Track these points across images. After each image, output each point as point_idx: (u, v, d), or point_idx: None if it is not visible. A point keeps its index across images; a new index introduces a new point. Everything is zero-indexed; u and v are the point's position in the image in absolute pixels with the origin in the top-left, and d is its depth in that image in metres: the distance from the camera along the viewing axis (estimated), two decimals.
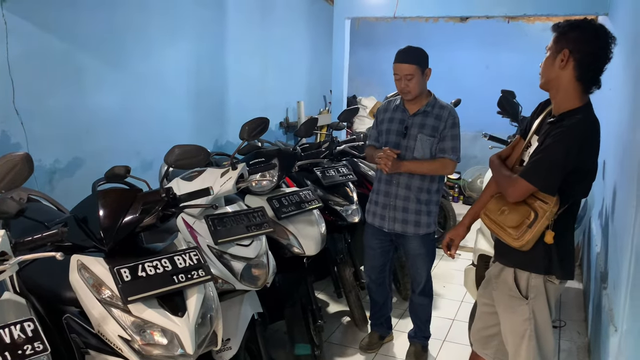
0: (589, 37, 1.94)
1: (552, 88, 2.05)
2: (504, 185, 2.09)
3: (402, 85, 2.89)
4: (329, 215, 3.44)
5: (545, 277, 2.08)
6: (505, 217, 2.06)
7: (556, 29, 2.04)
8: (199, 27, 4.45)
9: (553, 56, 2.00)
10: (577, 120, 1.95)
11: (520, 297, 2.11)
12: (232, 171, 2.48)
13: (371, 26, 7.90)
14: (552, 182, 1.95)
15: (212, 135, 4.78)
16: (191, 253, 1.88)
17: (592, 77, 1.98)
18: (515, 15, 5.41)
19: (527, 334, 2.11)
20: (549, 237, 1.98)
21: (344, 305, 3.81)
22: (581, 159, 1.96)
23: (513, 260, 2.13)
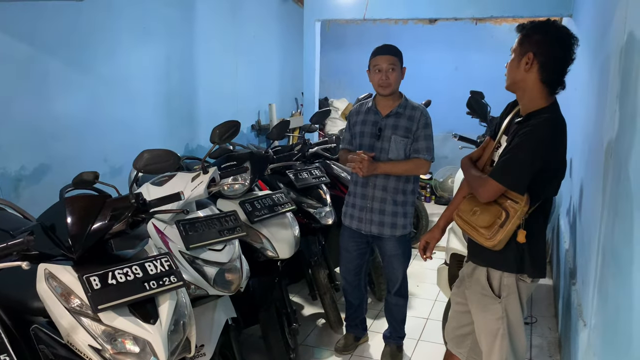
0: (552, 40, 1.98)
1: (518, 90, 2.09)
2: (475, 186, 2.11)
3: (382, 78, 2.89)
4: (303, 218, 3.44)
5: (517, 276, 2.10)
6: (477, 217, 2.08)
7: (520, 30, 2.07)
8: (167, 29, 4.40)
9: (518, 58, 2.03)
10: (543, 120, 1.99)
11: (493, 296, 2.14)
12: (203, 175, 2.46)
13: (341, 28, 7.93)
14: (521, 181, 1.98)
15: (182, 139, 4.73)
16: (162, 259, 1.85)
17: (556, 79, 2.03)
18: (482, 17, 5.50)
19: (500, 332, 2.13)
20: (521, 236, 2.01)
21: (318, 308, 3.81)
22: (549, 157, 2.00)
23: (486, 259, 2.15)
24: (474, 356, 2.36)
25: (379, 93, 2.95)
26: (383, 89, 2.91)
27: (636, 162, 1.63)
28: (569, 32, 2.02)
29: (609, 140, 2.11)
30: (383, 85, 2.90)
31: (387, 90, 2.92)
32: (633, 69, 1.78)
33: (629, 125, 1.78)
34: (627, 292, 1.57)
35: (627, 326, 1.53)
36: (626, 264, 1.62)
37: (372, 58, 2.93)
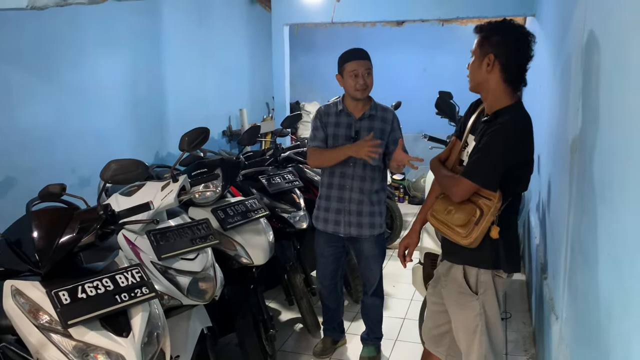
0: (510, 40, 2.03)
1: (482, 90, 2.13)
2: (448, 186, 2.13)
3: (360, 82, 2.89)
4: (277, 223, 3.43)
5: (493, 271, 2.13)
6: (452, 216, 2.10)
7: (478, 31, 2.11)
8: (133, 36, 4.34)
9: (479, 60, 2.07)
10: (510, 118, 2.03)
11: (470, 293, 2.16)
12: (173, 184, 2.43)
13: (310, 32, 7.94)
14: (493, 178, 2.02)
15: (152, 147, 4.67)
16: (133, 271, 1.82)
17: (518, 77, 2.08)
18: (448, 18, 5.57)
19: (478, 329, 2.15)
20: (494, 232, 2.04)
21: (295, 313, 3.80)
22: (518, 154, 2.04)
23: (461, 257, 2.17)
24: (453, 354, 2.38)
25: (356, 97, 2.95)
26: (361, 92, 2.93)
27: (599, 158, 1.67)
28: (526, 30, 2.08)
29: (574, 136, 2.16)
30: (361, 89, 2.91)
31: (364, 94, 2.94)
32: (593, 66, 1.82)
33: (591, 122, 1.82)
34: (595, 285, 1.61)
35: (596, 318, 1.56)
36: (593, 258, 1.65)
37: (347, 63, 2.92)
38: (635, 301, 1.20)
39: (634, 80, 1.31)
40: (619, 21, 1.51)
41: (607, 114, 1.59)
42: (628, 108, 1.35)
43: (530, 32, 2.06)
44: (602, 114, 1.64)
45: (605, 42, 1.68)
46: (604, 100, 1.64)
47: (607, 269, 1.48)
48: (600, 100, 1.68)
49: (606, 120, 1.60)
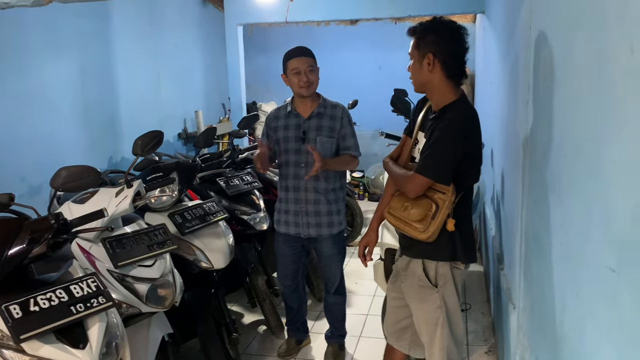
0: (445, 37, 2.10)
1: (427, 89, 2.19)
2: (402, 183, 2.16)
3: (303, 79, 2.89)
4: (237, 225, 3.39)
5: (451, 263, 2.18)
6: (409, 212, 2.13)
7: (412, 34, 2.16)
8: (81, 39, 4.21)
9: (419, 61, 2.12)
10: (458, 112, 2.10)
11: (430, 286, 2.19)
12: (127, 189, 2.37)
13: (264, 32, 7.89)
14: (446, 172, 2.06)
15: (105, 153, 4.55)
16: (89, 280, 1.77)
17: (458, 72, 2.15)
18: (401, 16, 5.64)
19: (439, 321, 2.19)
20: (450, 225, 2.08)
21: (258, 315, 3.77)
22: (468, 147, 2.10)
23: (420, 251, 2.21)
24: (415, 347, 2.41)
25: (301, 95, 2.95)
26: (305, 89, 2.92)
27: (549, 150, 1.72)
28: (457, 24, 2.15)
29: (524, 130, 2.22)
30: (305, 87, 2.91)
31: (309, 91, 2.93)
32: (541, 61, 1.87)
33: (540, 116, 1.87)
34: (549, 273, 1.66)
35: (551, 305, 1.61)
36: (546, 247, 1.70)
37: (288, 62, 2.93)
38: (587, 287, 1.24)
39: (580, 74, 1.36)
40: (564, 17, 1.56)
41: (556, 108, 1.64)
42: (575, 102, 1.39)
43: (461, 26, 2.15)
44: (551, 108, 1.69)
45: (552, 38, 1.73)
46: (552, 95, 1.69)
47: (559, 258, 1.53)
48: (548, 94, 1.73)
49: (554, 114, 1.65)
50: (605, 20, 1.14)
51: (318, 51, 2.99)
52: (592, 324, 1.20)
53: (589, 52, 1.27)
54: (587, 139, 1.27)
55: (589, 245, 1.23)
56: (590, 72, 1.25)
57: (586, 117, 1.28)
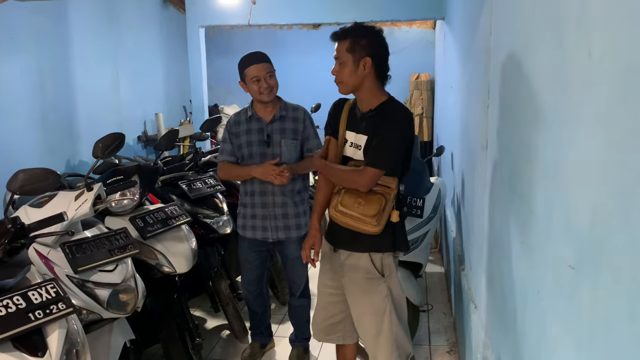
0: (378, 41, 2.25)
1: (359, 91, 2.29)
2: (354, 179, 2.22)
3: (264, 85, 2.88)
4: (199, 229, 3.35)
5: (393, 253, 2.31)
6: (363, 208, 2.20)
7: (342, 38, 2.26)
8: (36, 38, 4.09)
9: (354, 65, 2.22)
10: (396, 108, 2.26)
11: (378, 277, 2.29)
12: (87, 193, 2.31)
13: (227, 34, 7.85)
14: (396, 164, 2.22)
15: (62, 156, 4.42)
16: (48, 286, 1.72)
17: (386, 73, 2.29)
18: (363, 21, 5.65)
19: (387, 309, 2.29)
20: (395, 216, 2.22)
21: (221, 320, 3.73)
22: (409, 140, 2.25)
23: (365, 245, 2.29)
24: (349, 336, 2.53)
25: (263, 101, 2.94)
26: (267, 95, 2.91)
27: (509, 151, 1.77)
28: (380, 29, 2.29)
29: (484, 132, 2.28)
30: (266, 93, 2.90)
31: (270, 96, 2.93)
32: (501, 66, 1.93)
33: (500, 118, 1.93)
34: (510, 272, 1.70)
35: (512, 304, 1.66)
36: (507, 247, 1.75)
37: (246, 69, 2.91)
38: (547, 284, 1.28)
39: (540, 78, 1.40)
40: (524, 23, 1.61)
41: (515, 111, 1.69)
42: (535, 105, 1.44)
43: (381, 29, 2.29)
44: (511, 111, 1.74)
45: (511, 43, 1.78)
46: (511, 99, 1.74)
47: (520, 257, 1.57)
48: (508, 98, 1.79)
49: (514, 117, 1.70)
50: (564, 25, 1.18)
51: (280, 54, 3.01)
52: (552, 319, 1.24)
53: (548, 57, 1.31)
54: (547, 141, 1.32)
55: (549, 243, 1.27)
56: (549, 76, 1.30)
57: (546, 119, 1.33)
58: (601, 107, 0.98)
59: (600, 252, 0.96)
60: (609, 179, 0.94)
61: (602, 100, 0.97)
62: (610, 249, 0.92)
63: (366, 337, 2.39)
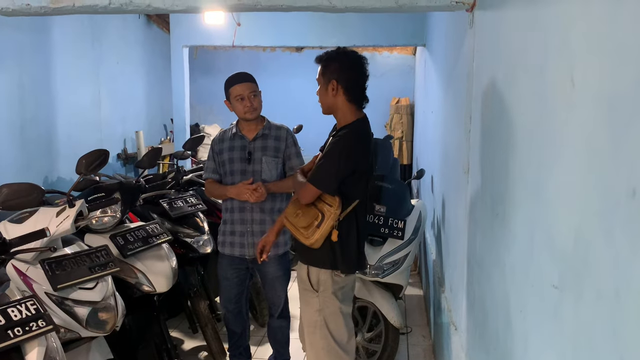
0: (347, 66, 2.33)
1: (333, 112, 2.40)
2: (298, 190, 2.38)
3: (247, 104, 2.92)
4: (180, 248, 3.32)
5: (332, 272, 2.35)
6: (299, 219, 2.33)
7: (319, 62, 2.40)
8: (17, 54, 4.06)
9: (325, 87, 2.35)
10: (346, 131, 2.31)
11: (312, 290, 2.38)
12: (69, 209, 2.29)
13: (210, 54, 7.89)
14: (331, 184, 2.26)
15: (40, 172, 4.37)
16: (28, 303, 1.69)
17: (359, 96, 2.37)
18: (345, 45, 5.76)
19: (318, 324, 2.37)
20: (334, 235, 2.28)
21: (200, 340, 3.68)
22: (353, 162, 2.29)
23: (306, 257, 2.41)
24: None
25: (246, 119, 2.98)
26: (250, 114, 2.95)
27: (491, 176, 1.82)
28: (359, 55, 2.38)
29: (466, 157, 2.33)
30: (249, 111, 2.94)
31: (254, 114, 2.97)
32: (482, 92, 1.98)
33: (482, 143, 1.97)
34: (491, 293, 1.73)
35: (494, 325, 1.68)
36: (489, 268, 1.78)
37: (231, 88, 2.96)
38: (530, 304, 1.31)
39: (522, 104, 1.45)
40: (506, 50, 1.67)
41: (497, 135, 1.73)
42: (517, 130, 1.49)
43: (362, 56, 2.37)
44: (493, 135, 1.79)
45: (494, 70, 1.84)
46: (494, 124, 1.79)
47: (503, 278, 1.60)
48: (490, 123, 1.83)
49: (496, 141, 1.74)
50: (547, 53, 1.23)
51: (264, 76, 3.05)
52: (536, 339, 1.27)
53: (530, 83, 1.36)
54: (529, 165, 1.36)
55: (532, 264, 1.30)
56: (532, 102, 1.34)
57: (528, 144, 1.37)
58: (582, 132, 1.02)
59: (584, 272, 0.99)
60: (591, 201, 0.98)
61: (583, 124, 1.02)
62: (593, 268, 0.95)
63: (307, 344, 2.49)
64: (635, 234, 0.80)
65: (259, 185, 2.88)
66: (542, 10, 1.29)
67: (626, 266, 0.83)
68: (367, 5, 2.30)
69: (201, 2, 2.36)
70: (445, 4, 2.25)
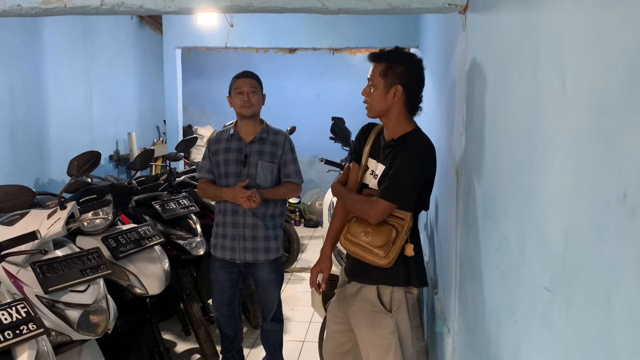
0: (414, 72, 2.15)
1: (385, 118, 2.21)
2: (365, 209, 2.14)
3: (244, 99, 2.90)
4: (172, 250, 3.30)
5: (405, 288, 2.20)
6: (371, 238, 2.11)
7: (375, 59, 2.18)
8: (8, 55, 4.04)
9: (384, 90, 2.13)
10: (419, 140, 2.16)
11: (384, 311, 2.18)
12: (60, 211, 2.27)
13: (203, 56, 7.88)
14: (410, 198, 2.09)
15: (31, 174, 4.34)
16: (18, 306, 1.68)
17: (417, 105, 2.21)
18: (338, 47, 5.81)
19: (392, 346, 2.19)
20: (409, 250, 2.10)
21: (193, 343, 3.66)
22: (428, 174, 2.17)
23: (375, 277, 2.19)
24: None
25: (242, 114, 2.96)
26: (246, 109, 2.93)
27: (483, 178, 1.82)
28: (420, 59, 2.23)
29: (459, 158, 2.33)
30: (245, 106, 2.92)
31: (249, 111, 2.94)
32: (474, 94, 1.99)
33: (475, 145, 1.98)
34: (483, 296, 1.73)
35: (486, 327, 1.68)
36: (481, 270, 1.78)
37: (233, 82, 2.96)
38: (522, 307, 1.31)
39: (514, 107, 1.46)
40: (498, 53, 1.68)
41: (490, 138, 1.74)
42: (509, 132, 1.49)
43: (422, 60, 2.22)
44: (485, 138, 1.80)
45: (486, 72, 1.84)
46: (486, 126, 1.79)
47: (494, 280, 1.61)
48: (483, 126, 1.84)
49: (489, 143, 1.75)
50: (539, 55, 1.23)
51: None
52: (527, 340, 1.27)
53: (523, 86, 1.37)
54: (521, 168, 1.36)
55: (523, 266, 1.31)
56: (524, 105, 1.35)
57: (520, 146, 1.38)
58: (574, 134, 1.02)
59: (575, 274, 1.00)
60: (582, 203, 0.98)
61: (574, 128, 1.02)
62: (584, 270, 0.96)
63: None
64: (626, 237, 0.81)
65: (253, 193, 2.85)
66: (534, 12, 1.30)
67: (617, 269, 0.83)
68: (359, 7, 2.24)
69: (194, 3, 2.32)
70: (437, 6, 2.24)
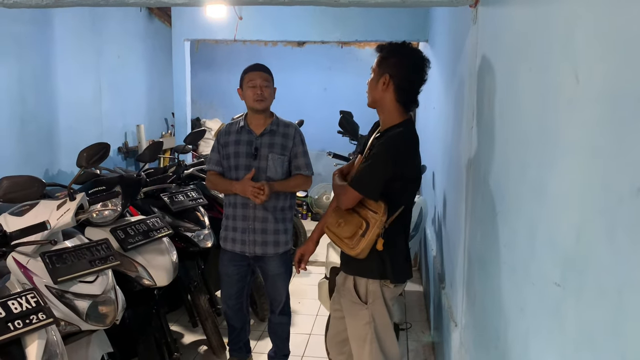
0: (406, 64, 2.17)
1: (378, 107, 2.26)
2: (338, 194, 2.23)
3: (257, 92, 2.89)
4: (180, 242, 3.32)
5: (381, 282, 2.22)
6: (341, 229, 2.18)
7: (379, 50, 2.23)
8: (17, 47, 4.05)
9: (376, 78, 2.20)
10: (394, 134, 2.17)
11: (360, 302, 2.24)
12: (70, 202, 2.28)
13: (211, 48, 7.88)
14: (374, 188, 2.12)
15: (41, 165, 4.37)
16: (28, 295, 1.69)
17: (410, 99, 2.23)
18: (347, 40, 5.77)
19: (368, 337, 2.24)
20: (379, 244, 2.13)
21: (200, 334, 3.69)
22: (401, 167, 2.15)
23: (352, 268, 2.26)
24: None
25: (254, 108, 2.95)
26: (258, 103, 2.92)
27: (493, 173, 1.81)
28: (423, 55, 2.23)
29: (468, 153, 2.32)
30: (258, 100, 2.91)
31: (262, 105, 2.94)
32: (485, 89, 1.98)
33: (485, 139, 1.97)
34: (492, 291, 1.73)
35: (495, 322, 1.68)
36: (489, 266, 1.78)
37: (245, 75, 2.95)
38: (532, 302, 1.31)
39: (525, 101, 1.44)
40: (510, 47, 1.66)
41: (500, 133, 1.73)
42: (520, 127, 1.48)
43: (426, 58, 2.22)
44: (496, 133, 1.78)
45: (497, 66, 1.83)
46: (497, 120, 1.78)
47: (503, 275, 1.60)
48: (493, 120, 1.83)
49: (499, 138, 1.74)
50: (551, 49, 1.22)
51: None
52: (536, 336, 1.26)
53: (534, 80, 1.35)
54: (531, 162, 1.35)
55: (533, 262, 1.30)
56: (535, 99, 1.34)
57: (531, 141, 1.36)
58: (586, 129, 1.01)
59: (586, 269, 0.99)
60: (593, 198, 0.97)
61: (587, 122, 1.01)
62: (596, 265, 0.95)
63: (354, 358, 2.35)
64: (638, 232, 0.80)
65: (263, 185, 2.85)
66: (545, 6, 1.28)
67: (629, 264, 0.83)
68: (370, 0, 2.25)
69: None
70: (448, 0, 2.23)
